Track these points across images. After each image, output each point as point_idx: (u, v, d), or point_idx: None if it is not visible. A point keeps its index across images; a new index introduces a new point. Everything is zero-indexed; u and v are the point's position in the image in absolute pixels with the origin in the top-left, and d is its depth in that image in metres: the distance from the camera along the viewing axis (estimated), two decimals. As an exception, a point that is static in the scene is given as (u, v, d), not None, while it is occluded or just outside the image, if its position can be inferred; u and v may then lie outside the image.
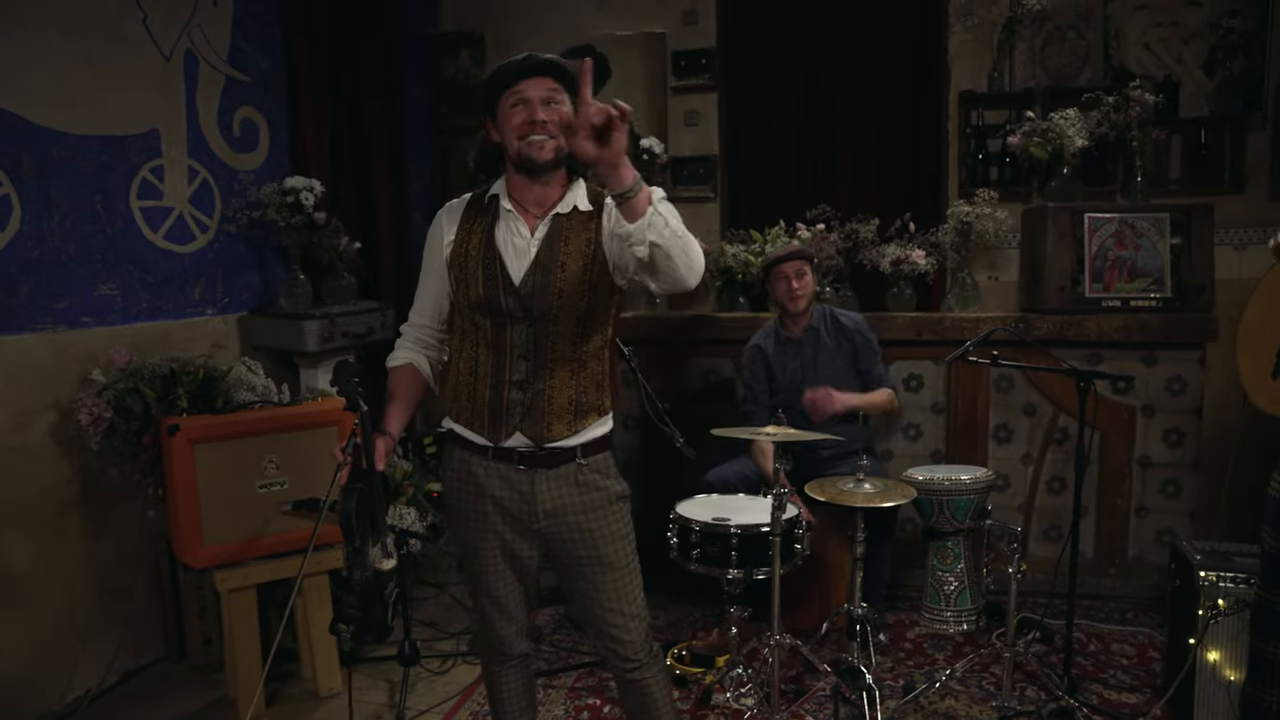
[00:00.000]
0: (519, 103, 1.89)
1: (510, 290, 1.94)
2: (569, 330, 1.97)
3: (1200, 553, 2.75)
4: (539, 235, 1.96)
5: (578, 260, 1.95)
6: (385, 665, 3.30)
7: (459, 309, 2.05)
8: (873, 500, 2.86)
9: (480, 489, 2.04)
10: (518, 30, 4.61)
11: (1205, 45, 3.96)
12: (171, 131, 3.40)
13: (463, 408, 2.04)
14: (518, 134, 1.90)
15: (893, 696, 2.99)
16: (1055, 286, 3.75)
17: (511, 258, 1.96)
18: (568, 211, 1.97)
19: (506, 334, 1.97)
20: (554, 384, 1.98)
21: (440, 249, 2.04)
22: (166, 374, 3.08)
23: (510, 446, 1.99)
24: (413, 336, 2.15)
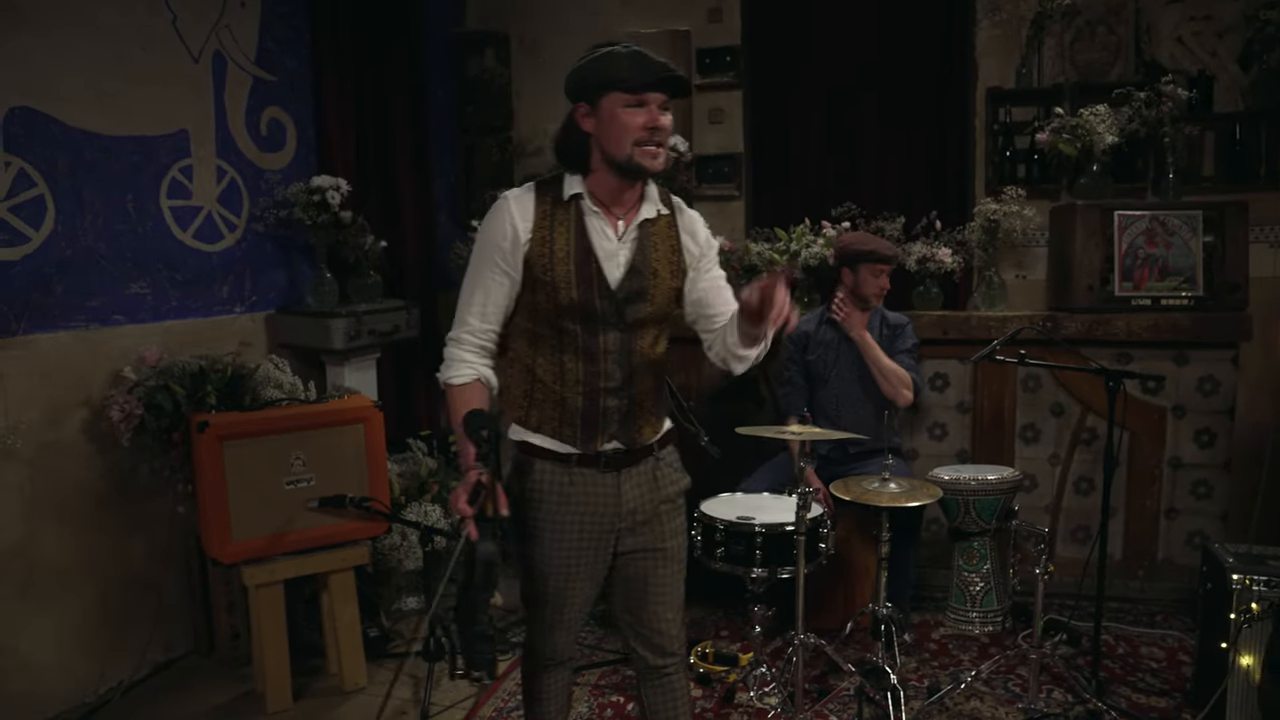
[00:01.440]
0: (637, 104, 1.82)
1: (606, 295, 1.88)
2: (653, 335, 1.97)
3: (1233, 556, 2.71)
4: (629, 239, 1.92)
5: (666, 268, 1.94)
6: (410, 661, 3.32)
7: (535, 312, 1.91)
8: (898, 500, 2.84)
9: (565, 499, 1.95)
10: (542, 29, 4.63)
11: (1241, 39, 3.89)
12: (200, 132, 3.43)
13: (547, 417, 1.94)
14: (634, 138, 1.82)
15: (917, 697, 2.97)
16: (1084, 285, 3.71)
17: (604, 260, 1.89)
18: (653, 217, 1.94)
19: (599, 340, 1.90)
20: (643, 389, 1.96)
21: (513, 243, 1.88)
22: (196, 371, 3.12)
23: (598, 451, 1.94)
24: (474, 345, 1.94)
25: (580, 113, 1.87)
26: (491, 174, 4.73)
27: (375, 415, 3.15)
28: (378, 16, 4.14)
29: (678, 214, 2.00)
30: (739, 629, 3.50)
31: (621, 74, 1.81)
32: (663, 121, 1.83)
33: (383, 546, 3.45)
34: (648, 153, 1.83)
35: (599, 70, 1.83)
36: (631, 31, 4.49)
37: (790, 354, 3.53)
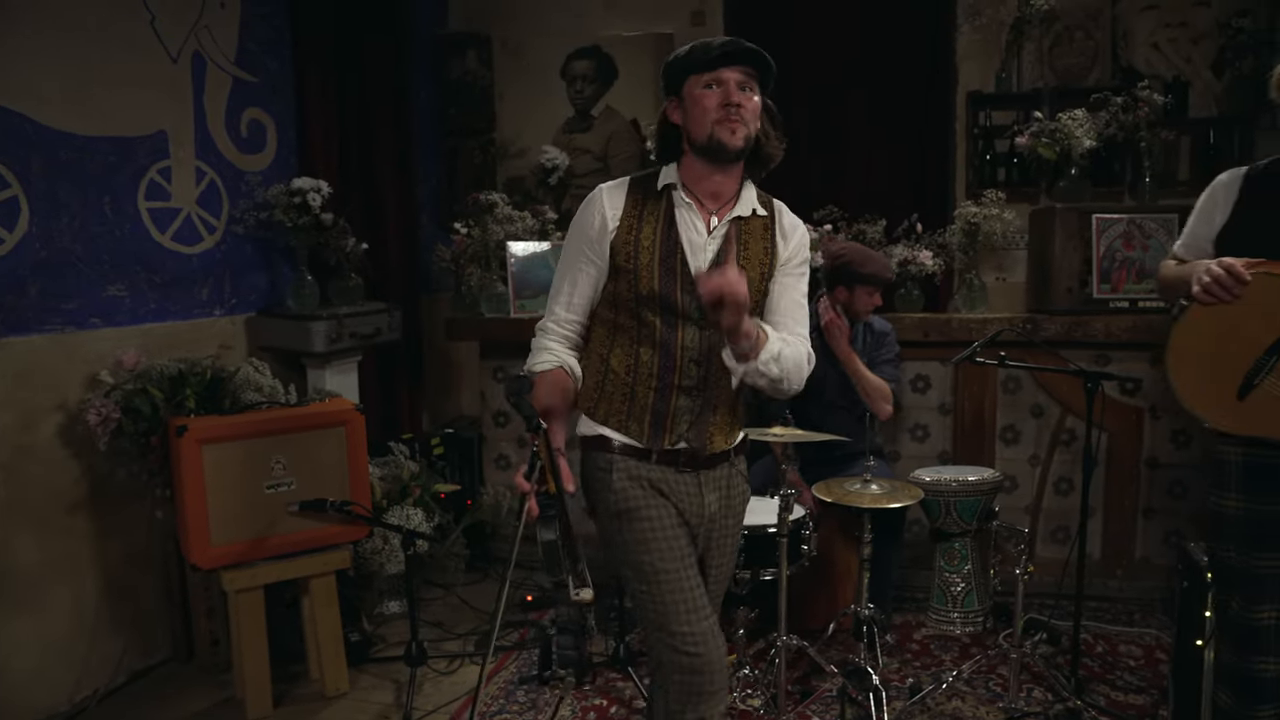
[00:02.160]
0: (713, 84, 1.80)
1: (689, 288, 1.82)
2: None
3: (1208, 554, 2.74)
4: (719, 234, 1.86)
5: (756, 268, 1.88)
6: (393, 666, 3.31)
7: (618, 301, 1.88)
8: (880, 501, 2.85)
9: (656, 487, 1.89)
10: (526, 31, 4.63)
11: (1214, 45, 3.94)
12: (179, 133, 3.41)
13: (615, 409, 1.89)
14: (712, 116, 1.79)
15: (899, 697, 2.98)
16: (1063, 287, 3.74)
17: (689, 253, 1.85)
18: (747, 214, 1.89)
19: (678, 335, 1.85)
20: (720, 393, 1.90)
21: (601, 231, 1.87)
22: (174, 375, 3.09)
23: (673, 449, 1.89)
24: (559, 335, 1.93)
25: (670, 107, 1.88)
26: (474, 176, 4.72)
27: (357, 418, 3.13)
28: (360, 17, 4.13)
29: (778, 215, 1.95)
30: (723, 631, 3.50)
31: (696, 53, 1.81)
32: (738, 98, 1.78)
33: (364, 551, 3.43)
34: (726, 128, 1.79)
35: (679, 59, 1.84)
36: (614, 35, 4.50)
37: None
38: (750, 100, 1.81)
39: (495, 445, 4.34)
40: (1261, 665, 2.15)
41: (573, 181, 4.54)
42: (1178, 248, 2.31)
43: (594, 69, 4.58)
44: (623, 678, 3.13)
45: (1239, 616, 2.18)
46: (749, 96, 1.81)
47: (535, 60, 4.63)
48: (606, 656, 3.20)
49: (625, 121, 4.59)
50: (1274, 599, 2.12)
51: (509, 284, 4.05)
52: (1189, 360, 2.14)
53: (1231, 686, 2.22)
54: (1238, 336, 2.06)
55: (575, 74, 4.61)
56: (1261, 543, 2.12)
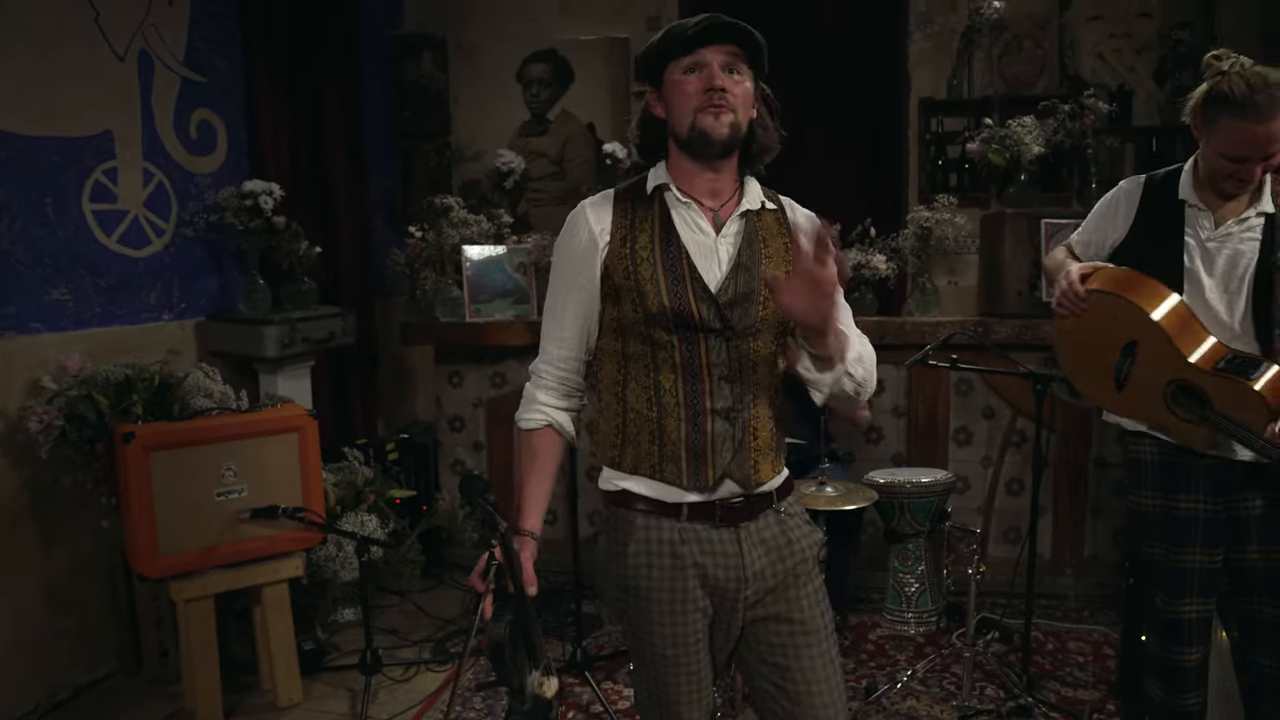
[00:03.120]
0: (694, 68, 1.57)
1: (704, 296, 1.58)
2: (768, 348, 1.63)
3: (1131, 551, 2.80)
4: (730, 232, 1.62)
5: (780, 266, 1.63)
6: (347, 674, 3.27)
7: (622, 328, 1.62)
8: (835, 504, 2.88)
9: (678, 558, 1.61)
10: (481, 34, 4.60)
11: (1156, 56, 4.05)
12: (126, 133, 3.34)
13: (644, 454, 1.61)
14: (694, 103, 1.56)
15: (855, 698, 3.01)
16: (1013, 291, 3.81)
17: (697, 256, 1.60)
18: (757, 208, 1.66)
19: (700, 351, 1.58)
20: (758, 412, 1.63)
21: (590, 250, 1.62)
22: (121, 380, 3.03)
23: (712, 500, 1.61)
24: (555, 379, 1.67)
25: (651, 99, 1.65)
26: (429, 179, 4.68)
27: (309, 424, 3.09)
28: (312, 18, 4.08)
29: (788, 210, 1.73)
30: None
31: (670, 37, 1.59)
32: (723, 80, 1.55)
33: (318, 558, 3.38)
34: (709, 115, 1.55)
35: (655, 44, 1.62)
36: (569, 38, 4.50)
37: None
38: (739, 84, 1.59)
39: (451, 450, 4.31)
40: (1185, 656, 2.22)
41: (529, 185, 4.52)
42: (1074, 241, 2.40)
43: (550, 72, 4.57)
44: (580, 682, 3.12)
45: (1163, 611, 2.24)
46: (737, 80, 1.58)
47: (491, 63, 4.61)
48: (564, 661, 3.20)
49: (581, 125, 4.59)
50: (1196, 593, 2.19)
51: (464, 288, 4.03)
52: (1070, 353, 2.31)
53: (1160, 678, 2.29)
54: (1095, 340, 2.21)
55: (531, 77, 4.60)
56: (1180, 539, 2.18)
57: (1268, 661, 2.19)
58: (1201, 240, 2.12)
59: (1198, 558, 2.17)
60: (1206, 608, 2.22)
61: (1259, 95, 1.91)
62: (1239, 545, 2.17)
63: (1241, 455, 2.11)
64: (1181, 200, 2.15)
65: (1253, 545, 2.15)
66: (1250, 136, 1.95)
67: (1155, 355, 2.11)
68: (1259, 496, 2.13)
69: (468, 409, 4.23)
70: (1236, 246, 2.10)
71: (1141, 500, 2.25)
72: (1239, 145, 1.97)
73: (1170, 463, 2.19)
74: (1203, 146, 2.09)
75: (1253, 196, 2.11)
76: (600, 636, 3.55)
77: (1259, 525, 2.14)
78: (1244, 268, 2.09)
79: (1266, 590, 2.16)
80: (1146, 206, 2.22)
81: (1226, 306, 2.11)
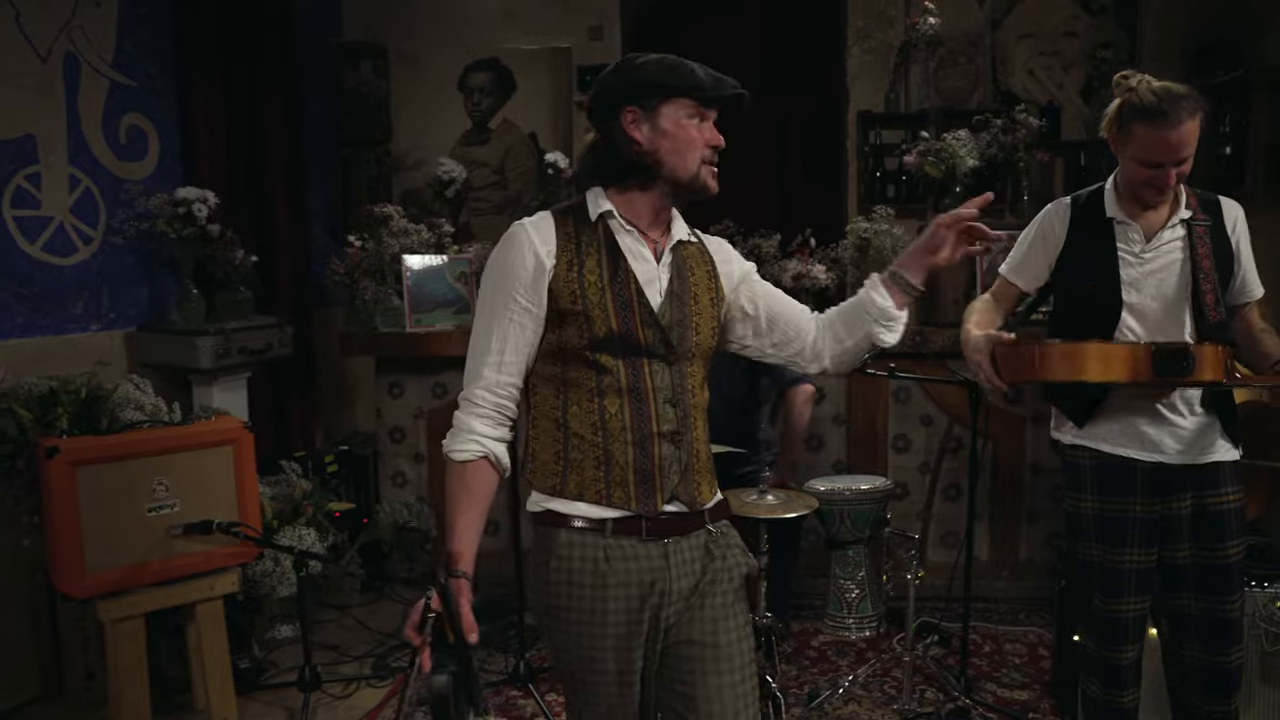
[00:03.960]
0: (700, 117, 1.63)
1: (650, 322, 1.61)
2: (699, 372, 1.71)
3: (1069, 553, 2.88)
4: (667, 262, 1.67)
5: (705, 294, 1.71)
6: (285, 692, 3.19)
7: (564, 352, 1.62)
8: (775, 512, 2.90)
9: (600, 577, 1.59)
10: (423, 42, 4.57)
11: (1083, 73, 4.19)
12: (50, 137, 3.23)
13: (588, 480, 1.60)
14: (702, 154, 1.63)
15: (798, 704, 3.04)
16: (950, 300, 3.90)
17: (644, 284, 1.64)
18: (685, 238, 1.73)
19: (645, 375, 1.61)
20: (698, 434, 1.68)
21: (538, 273, 1.60)
22: (45, 393, 2.92)
23: (644, 515, 1.61)
24: (492, 405, 1.61)
25: (628, 118, 1.61)
26: (369, 188, 4.63)
27: (245, 436, 3.02)
28: (248, 24, 4.00)
29: (705, 240, 1.81)
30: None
31: (695, 80, 1.61)
32: (720, 140, 1.66)
33: (254, 573, 3.30)
34: (712, 173, 1.65)
35: (664, 73, 1.61)
36: (512, 47, 4.49)
37: None
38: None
39: (391, 462, 4.24)
40: (1123, 654, 2.29)
41: (470, 194, 4.49)
42: (1006, 271, 2.43)
43: (492, 81, 4.55)
44: (523, 694, 3.10)
45: (1102, 611, 2.31)
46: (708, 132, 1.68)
47: (433, 71, 4.58)
48: (506, 673, 3.17)
49: (523, 135, 4.58)
50: (1133, 592, 2.26)
51: (404, 298, 3.98)
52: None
53: (1099, 677, 2.35)
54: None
55: (473, 86, 4.58)
56: (1118, 540, 2.25)
57: (1194, 653, 2.26)
58: (1136, 254, 2.21)
59: (1135, 558, 2.24)
60: (1142, 606, 2.29)
61: (1166, 104, 2.03)
62: (1171, 544, 2.25)
63: (1180, 460, 2.20)
64: (1110, 218, 2.24)
65: (1184, 544, 2.23)
66: (1163, 143, 2.05)
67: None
68: (1189, 497, 2.21)
69: (408, 420, 4.18)
70: (1170, 255, 2.19)
71: (1080, 503, 2.31)
72: (1153, 152, 2.07)
73: (1108, 467, 2.25)
74: (1121, 160, 2.20)
75: (1172, 205, 2.21)
76: (543, 648, 3.53)
77: (1189, 524, 2.22)
78: (1180, 274, 2.18)
79: (1195, 586, 2.24)
80: (1077, 227, 2.30)
81: (1168, 312, 2.19)
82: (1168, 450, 2.20)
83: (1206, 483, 2.20)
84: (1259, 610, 2.49)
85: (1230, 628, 2.22)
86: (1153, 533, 2.24)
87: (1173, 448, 2.20)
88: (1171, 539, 2.24)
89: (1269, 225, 2.35)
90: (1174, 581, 2.28)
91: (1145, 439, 2.21)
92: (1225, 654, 2.23)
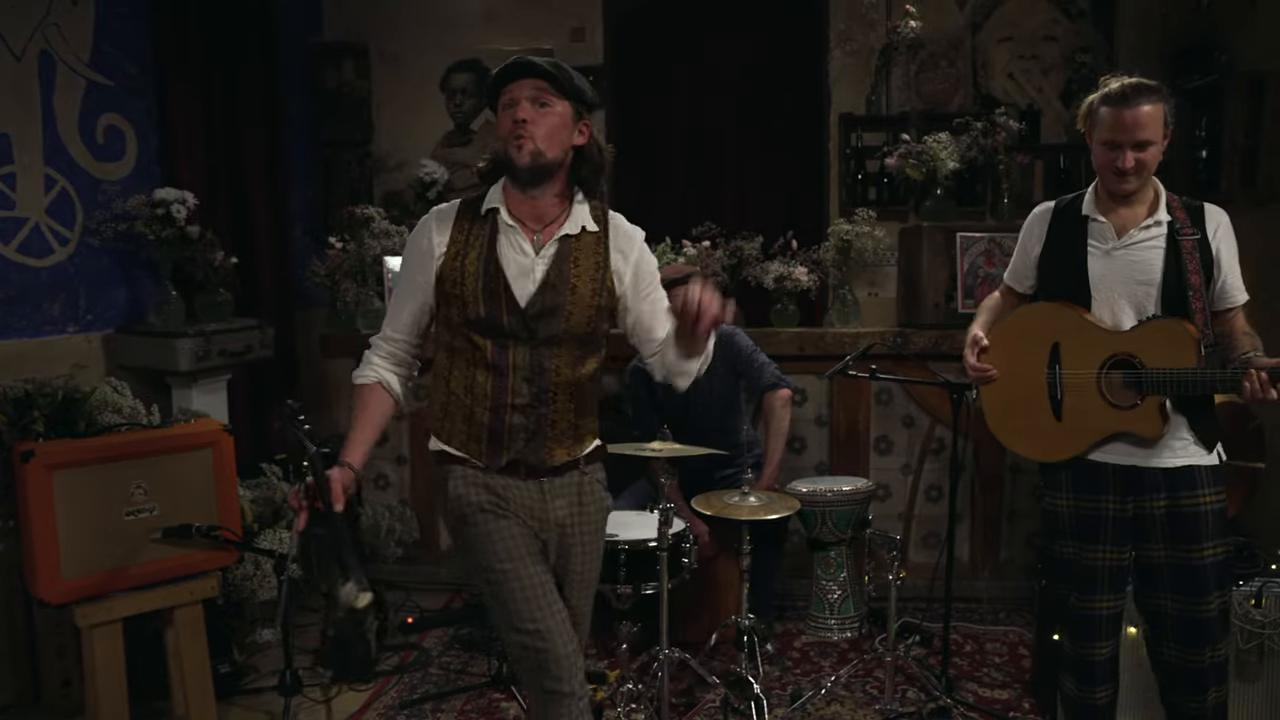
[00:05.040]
0: (509, 104, 1.84)
1: (514, 310, 1.87)
2: (571, 354, 1.93)
3: (1046, 552, 2.90)
4: (546, 255, 1.89)
5: (587, 284, 1.91)
6: (265, 696, 3.17)
7: (451, 325, 1.94)
8: (758, 513, 2.91)
9: (491, 488, 1.94)
10: (404, 43, 4.54)
11: (1063, 77, 4.22)
12: (24, 137, 3.19)
13: (456, 430, 1.95)
14: (502, 135, 1.85)
15: (781, 705, 3.05)
16: (931, 302, 3.92)
17: (514, 276, 1.88)
18: (576, 232, 1.92)
19: (508, 355, 1.90)
20: (556, 408, 1.94)
21: (428, 259, 1.93)
22: (20, 396, 2.89)
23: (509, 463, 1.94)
24: (386, 351, 2.00)
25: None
26: (351, 189, 4.60)
27: (225, 439, 2.99)
28: (228, 23, 3.96)
29: (611, 231, 1.97)
30: (606, 646, 3.50)
31: (497, 79, 1.86)
32: (525, 113, 1.81)
33: (234, 577, 3.26)
34: (514, 145, 1.83)
35: (489, 84, 1.89)
36: (494, 48, 4.48)
37: (635, 399, 3.49)
38: (544, 115, 1.83)
39: (374, 464, 4.22)
40: (1096, 650, 2.33)
41: (452, 196, 4.46)
42: (1007, 276, 2.56)
43: (474, 83, 4.53)
44: (506, 697, 3.09)
45: (1076, 608, 2.35)
46: (543, 112, 1.83)
47: (414, 72, 4.55)
48: (489, 676, 3.16)
49: (507, 136, 4.56)
50: (1107, 589, 2.30)
51: (386, 300, 3.96)
52: (1005, 415, 2.42)
53: (1073, 673, 2.39)
54: (1023, 369, 2.35)
55: (455, 87, 4.56)
56: (1091, 537, 2.29)
57: (1172, 652, 2.29)
58: (1105, 250, 2.26)
59: (1108, 555, 2.28)
60: (1115, 604, 2.33)
61: (1128, 89, 2.16)
62: (1145, 544, 2.28)
63: (1151, 463, 2.23)
64: (1085, 216, 2.30)
65: (1158, 544, 2.26)
66: (1120, 121, 2.15)
67: (1082, 342, 2.26)
68: (1163, 497, 2.24)
69: (390, 422, 4.15)
70: (1141, 254, 2.23)
71: (1056, 503, 2.36)
72: (1112, 131, 2.17)
73: (1083, 467, 2.30)
74: (1091, 150, 2.27)
75: (1151, 206, 2.25)
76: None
77: (1163, 525, 2.25)
78: (1150, 273, 2.22)
79: (1171, 586, 2.26)
80: (1055, 226, 2.37)
81: (1135, 309, 2.24)
82: (1139, 454, 2.24)
83: (1181, 484, 2.23)
84: (1234, 609, 2.51)
85: (1204, 627, 2.24)
86: (1126, 531, 2.28)
87: (1144, 453, 2.23)
88: (1146, 538, 2.28)
89: (1243, 227, 2.37)
90: (1150, 580, 2.31)
91: (1121, 445, 2.25)
92: (1199, 653, 2.25)
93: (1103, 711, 2.38)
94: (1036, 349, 2.33)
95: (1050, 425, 2.32)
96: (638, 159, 4.61)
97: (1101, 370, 2.24)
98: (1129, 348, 2.21)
